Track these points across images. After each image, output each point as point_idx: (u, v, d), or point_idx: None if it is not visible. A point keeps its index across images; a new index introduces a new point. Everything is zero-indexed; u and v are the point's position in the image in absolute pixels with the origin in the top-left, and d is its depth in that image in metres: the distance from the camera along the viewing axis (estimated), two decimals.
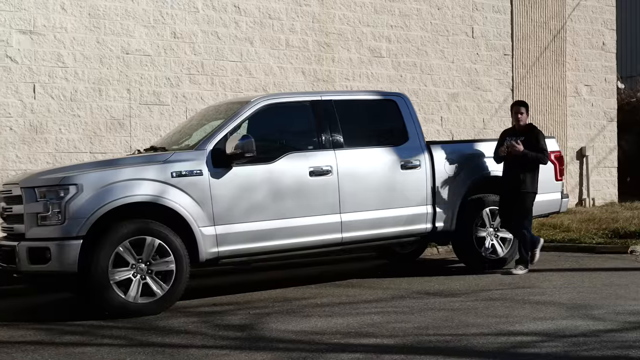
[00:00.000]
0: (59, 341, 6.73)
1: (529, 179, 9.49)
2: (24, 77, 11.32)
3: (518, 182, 9.46)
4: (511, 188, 9.55)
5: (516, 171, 9.49)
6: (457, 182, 9.71)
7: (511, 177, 9.54)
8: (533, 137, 9.57)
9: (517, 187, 9.48)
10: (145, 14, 12.30)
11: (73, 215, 7.53)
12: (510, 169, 9.57)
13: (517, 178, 9.47)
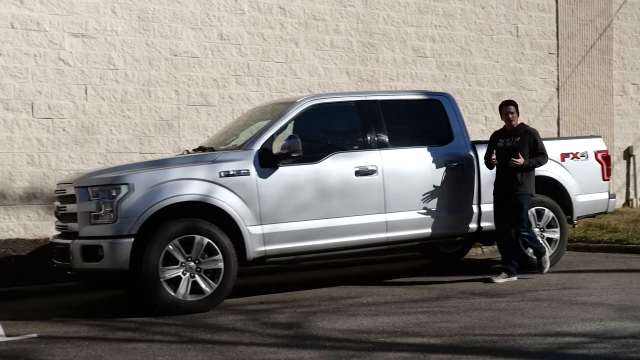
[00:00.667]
0: (112, 337, 6.84)
1: (526, 181, 9.07)
2: (76, 79, 11.52)
3: (515, 184, 9.02)
4: (506, 190, 9.10)
5: (512, 172, 9.03)
6: None
7: (506, 179, 9.08)
8: (530, 139, 9.13)
9: (514, 189, 9.04)
10: (192, 16, 12.42)
11: (125, 214, 7.64)
12: (505, 170, 9.08)
13: (514, 180, 9.02)
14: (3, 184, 11.06)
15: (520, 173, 9.02)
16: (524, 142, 9.10)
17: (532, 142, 9.12)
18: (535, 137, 9.17)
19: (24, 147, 11.18)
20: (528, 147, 9.10)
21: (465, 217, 9.38)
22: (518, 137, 9.11)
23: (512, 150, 9.04)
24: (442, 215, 9.15)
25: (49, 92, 11.37)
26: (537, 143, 9.14)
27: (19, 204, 11.14)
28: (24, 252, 10.55)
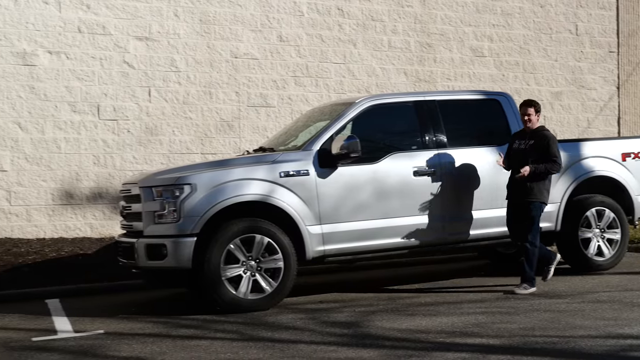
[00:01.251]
0: (175, 334, 6.94)
1: (537, 188, 8.42)
2: (140, 81, 11.72)
3: (524, 191, 8.43)
4: (515, 197, 8.55)
5: (524, 179, 8.42)
6: (561, 182, 9.50)
7: (516, 185, 8.53)
8: (544, 142, 8.45)
9: (524, 197, 8.44)
10: (252, 18, 12.53)
11: (187, 213, 7.73)
12: (516, 175, 8.52)
13: (524, 186, 8.42)
14: (70, 184, 11.32)
15: (530, 181, 8.39)
16: (537, 147, 8.47)
17: (545, 147, 8.44)
18: (549, 142, 8.46)
19: (90, 148, 11.42)
20: (541, 152, 8.46)
21: None
22: (532, 141, 8.51)
23: (524, 153, 8.52)
24: (500, 216, 9.04)
25: (114, 95, 11.59)
26: (549, 148, 8.43)
27: (85, 204, 11.38)
28: (90, 250, 10.77)
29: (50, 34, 11.31)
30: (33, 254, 10.41)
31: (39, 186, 11.18)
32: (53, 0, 11.34)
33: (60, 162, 11.29)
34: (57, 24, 11.36)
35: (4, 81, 11.07)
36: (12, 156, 11.08)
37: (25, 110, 11.16)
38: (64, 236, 11.19)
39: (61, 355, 6.27)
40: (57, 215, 11.24)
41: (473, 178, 8.99)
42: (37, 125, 11.21)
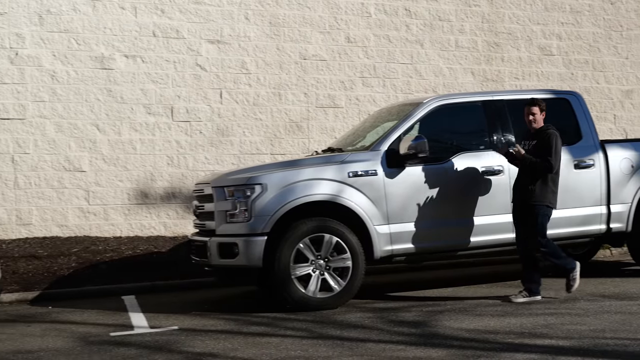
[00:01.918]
0: (246, 331, 7.02)
1: (539, 190, 7.91)
2: (212, 83, 11.89)
3: (526, 193, 7.98)
4: (518, 198, 8.12)
5: (524, 179, 8.04)
6: (633, 182, 9.27)
7: (518, 186, 8.13)
8: (545, 141, 7.95)
9: (525, 199, 8.00)
10: (321, 20, 12.57)
11: (258, 213, 7.80)
12: (520, 176, 8.15)
13: (525, 188, 8.00)
14: (145, 184, 11.55)
15: (532, 182, 7.94)
16: (539, 146, 8.00)
17: (546, 146, 7.92)
18: (549, 140, 7.93)
19: (164, 149, 11.64)
20: (542, 152, 7.96)
21: (594, 217, 9.07)
22: (535, 141, 8.08)
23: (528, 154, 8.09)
24: (570, 216, 8.88)
25: (187, 97, 11.79)
26: (548, 148, 7.90)
27: (159, 203, 11.61)
28: (164, 248, 10.97)
29: (127, 39, 11.57)
30: (110, 251, 10.66)
31: (115, 186, 11.45)
32: (129, 6, 11.59)
33: (136, 163, 11.54)
34: (133, 28, 11.60)
35: (83, 85, 11.36)
36: (90, 157, 11.37)
37: (103, 113, 11.44)
38: (139, 234, 11.43)
39: (138, 350, 6.41)
40: (133, 214, 11.49)
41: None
42: (114, 127, 11.48)
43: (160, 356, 6.15)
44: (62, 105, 11.28)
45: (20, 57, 11.13)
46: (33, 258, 10.28)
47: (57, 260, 10.27)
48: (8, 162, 11.04)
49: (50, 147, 11.20)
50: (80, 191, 11.31)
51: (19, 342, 6.89)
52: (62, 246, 10.74)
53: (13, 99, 11.10)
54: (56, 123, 11.24)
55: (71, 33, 11.34)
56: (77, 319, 7.94)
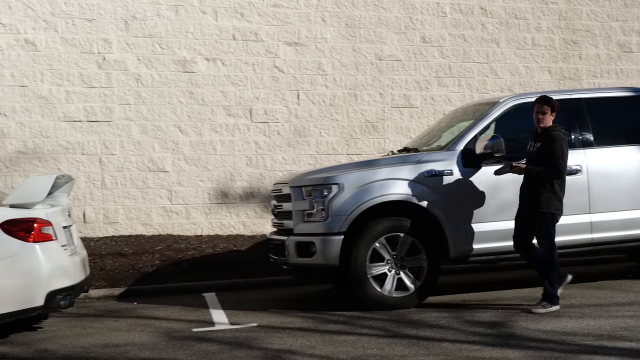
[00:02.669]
0: (323, 329, 7.06)
1: (544, 197, 7.42)
2: (289, 85, 11.99)
3: (529, 200, 7.52)
4: (526, 207, 7.63)
5: (529, 185, 7.58)
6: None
7: (523, 192, 7.68)
8: (549, 144, 7.44)
9: (531, 205, 7.52)
10: (396, 21, 12.52)
11: (335, 212, 7.82)
12: (525, 184, 7.69)
13: (529, 194, 7.54)
14: (225, 184, 11.74)
15: (537, 189, 7.46)
16: (543, 149, 7.50)
17: (549, 150, 7.43)
18: (553, 143, 7.42)
19: (243, 149, 11.80)
20: (546, 155, 7.46)
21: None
22: (539, 143, 7.57)
23: (533, 157, 7.65)
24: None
25: (265, 98, 11.91)
26: (552, 151, 7.40)
27: (238, 203, 11.77)
28: (243, 247, 11.12)
29: (208, 42, 11.76)
30: (191, 249, 10.86)
31: (197, 186, 11.66)
32: (210, 10, 11.79)
33: (216, 163, 11.73)
34: (214, 32, 11.80)
35: (166, 87, 11.62)
36: (173, 158, 11.62)
37: (185, 115, 11.67)
38: (219, 233, 11.61)
39: (219, 345, 6.52)
40: (213, 214, 11.68)
41: (621, 177, 8.60)
42: (195, 129, 11.69)
43: (241, 352, 6.24)
44: (146, 107, 11.55)
45: (108, 61, 11.45)
46: (119, 255, 10.56)
47: (142, 257, 10.53)
48: (96, 163, 11.38)
49: (135, 148, 11.49)
50: (163, 191, 11.57)
51: (107, 337, 7.10)
52: (146, 244, 11.01)
53: (101, 102, 11.42)
54: (141, 125, 11.53)
55: (155, 37, 11.61)
56: (161, 315, 8.13)
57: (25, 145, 11.17)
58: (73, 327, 7.67)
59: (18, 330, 7.48)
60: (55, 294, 7.06)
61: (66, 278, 7.22)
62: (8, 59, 11.16)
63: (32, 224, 7.01)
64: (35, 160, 11.19)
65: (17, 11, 11.19)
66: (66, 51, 11.33)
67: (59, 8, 11.33)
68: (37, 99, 11.24)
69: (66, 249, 7.39)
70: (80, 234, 8.90)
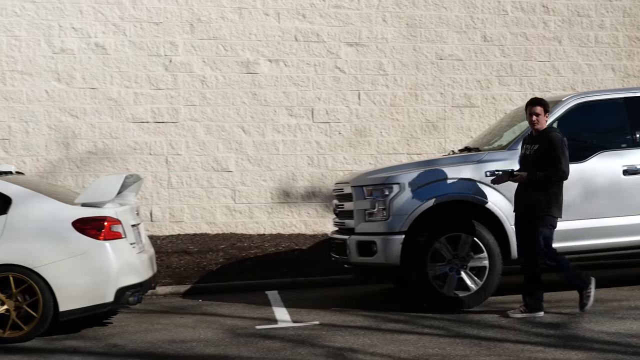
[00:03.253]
0: (385, 328, 7.06)
1: (544, 199, 7.16)
2: (350, 85, 12.01)
3: (528, 204, 7.25)
4: (524, 210, 7.35)
5: (527, 188, 7.31)
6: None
7: (520, 196, 7.41)
8: (547, 147, 7.17)
9: (528, 210, 7.27)
10: (457, 20, 12.42)
11: (396, 212, 7.81)
12: (523, 187, 7.40)
13: (527, 198, 7.27)
14: (287, 184, 11.82)
15: (537, 191, 7.19)
16: (540, 152, 7.24)
17: (548, 152, 7.18)
18: (553, 145, 7.16)
19: (304, 149, 11.86)
20: (545, 158, 7.21)
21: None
22: (537, 145, 7.30)
23: (529, 160, 7.41)
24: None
25: (327, 98, 11.96)
26: (551, 154, 7.15)
27: (300, 202, 11.84)
28: (305, 246, 11.18)
29: (270, 44, 11.87)
30: (254, 248, 10.97)
31: (259, 185, 11.77)
32: (273, 12, 11.89)
33: (278, 163, 11.82)
34: (276, 33, 11.89)
35: (230, 89, 11.76)
36: (236, 158, 11.76)
37: (248, 115, 11.80)
38: (281, 232, 11.70)
39: (282, 343, 6.58)
40: (275, 213, 11.78)
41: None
42: (258, 129, 11.81)
43: (303, 350, 6.29)
44: (211, 108, 11.71)
45: (174, 64, 11.65)
46: (184, 253, 10.73)
47: (206, 255, 10.68)
48: (162, 163, 11.59)
49: (200, 148, 11.66)
50: (227, 190, 11.72)
51: (173, 332, 7.23)
52: (210, 242, 11.16)
53: (167, 104, 11.62)
54: (206, 126, 11.69)
55: (219, 40, 11.76)
56: (225, 312, 8.24)
57: (95, 146, 11.44)
58: (141, 322, 7.84)
59: (89, 325, 7.68)
60: (124, 291, 7.24)
61: (135, 275, 7.39)
62: (79, 62, 11.45)
63: (102, 222, 7.19)
64: (104, 161, 11.45)
65: (88, 16, 11.47)
66: (134, 54, 11.56)
67: (127, 12, 11.57)
68: (107, 100, 11.50)
69: (135, 247, 7.56)
70: (148, 232, 9.07)
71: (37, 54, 11.34)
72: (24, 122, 11.30)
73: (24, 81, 11.31)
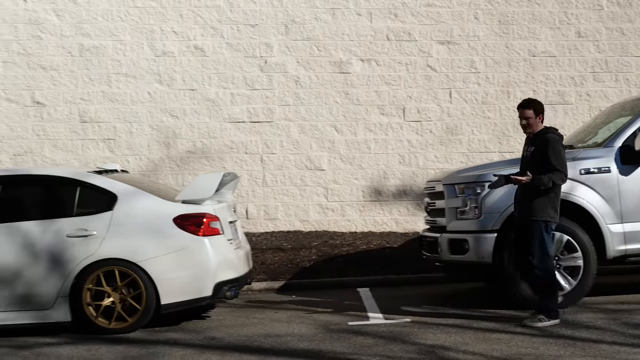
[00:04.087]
0: (476, 326, 6.97)
1: (538, 204, 6.82)
2: (441, 84, 11.90)
3: (524, 208, 6.91)
4: (519, 215, 7.04)
5: (523, 192, 6.97)
6: None
7: (517, 200, 7.10)
8: (543, 148, 6.87)
9: (523, 214, 6.94)
10: (550, 16, 12.14)
11: (488, 210, 7.70)
12: (519, 191, 7.08)
13: (523, 202, 6.94)
14: (378, 182, 11.83)
15: (531, 195, 6.87)
16: (536, 153, 6.95)
17: (544, 154, 6.87)
18: (547, 147, 6.86)
19: (396, 148, 11.84)
20: (541, 160, 6.90)
21: None
22: (533, 147, 7.02)
23: (526, 163, 7.12)
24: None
25: (418, 97, 11.89)
26: (547, 155, 6.84)
27: (391, 200, 11.82)
28: (396, 244, 11.16)
29: (362, 43, 11.89)
30: (346, 246, 11.02)
31: (351, 184, 11.82)
32: (365, 12, 11.90)
33: (370, 162, 11.84)
34: (369, 33, 11.90)
35: (323, 88, 11.85)
36: (329, 156, 11.84)
37: (341, 114, 11.85)
38: (372, 230, 11.72)
39: (374, 339, 6.60)
40: (367, 211, 11.80)
41: None
42: (350, 128, 11.85)
43: (395, 346, 6.28)
44: (304, 108, 11.83)
45: (269, 64, 11.83)
46: (278, 250, 10.88)
47: (299, 252, 10.79)
48: (257, 162, 11.78)
49: (294, 147, 11.80)
50: (320, 188, 11.82)
51: (268, 327, 7.35)
52: (303, 240, 11.28)
53: (262, 104, 11.81)
54: (299, 125, 11.82)
55: (313, 40, 11.86)
56: (318, 308, 8.31)
57: (194, 145, 11.74)
58: (237, 317, 8.00)
59: (188, 318, 7.89)
60: (222, 285, 7.40)
61: (232, 270, 7.54)
62: (180, 64, 11.76)
63: (201, 219, 7.37)
64: (203, 160, 11.73)
65: (188, 19, 11.77)
66: (231, 56, 11.80)
67: (225, 15, 11.81)
68: (205, 101, 11.78)
69: (232, 243, 7.71)
70: (243, 229, 9.25)
71: (140, 57, 11.72)
72: (128, 123, 11.70)
73: (128, 83, 11.71)
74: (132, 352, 6.53)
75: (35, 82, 11.62)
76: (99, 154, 11.61)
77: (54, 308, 7.25)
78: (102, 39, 11.69)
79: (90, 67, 11.67)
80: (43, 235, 7.33)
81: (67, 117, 11.64)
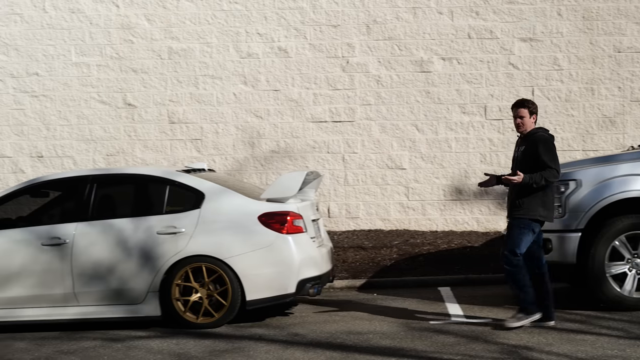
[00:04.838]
0: (560, 327, 6.83)
1: (527, 203, 6.76)
2: (523, 81, 11.69)
3: (514, 206, 6.85)
4: (508, 212, 6.99)
5: (513, 191, 6.89)
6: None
7: (508, 199, 7.00)
8: (534, 147, 6.81)
9: (513, 212, 6.86)
10: (637, 10, 11.76)
11: (573, 209, 7.52)
12: (510, 190, 6.99)
13: (513, 200, 6.85)
14: (459, 181, 11.70)
15: (520, 194, 6.80)
16: (527, 153, 6.88)
17: (535, 153, 6.80)
18: (538, 145, 6.80)
19: (477, 146, 11.69)
20: (532, 159, 6.83)
21: None
22: (523, 147, 6.95)
23: (516, 162, 7.02)
24: None
25: (500, 95, 11.71)
26: (539, 154, 6.77)
27: (472, 199, 11.68)
28: (477, 243, 11.01)
29: (444, 42, 11.78)
30: (427, 245, 10.95)
31: (432, 183, 11.73)
32: (446, 10, 11.79)
33: (451, 161, 11.72)
34: (450, 31, 11.79)
35: (404, 87, 11.80)
36: (410, 155, 11.78)
37: (422, 113, 11.78)
38: (453, 229, 11.61)
39: (456, 338, 6.55)
40: (448, 210, 11.69)
41: None
42: (431, 127, 11.77)
43: (477, 345, 6.23)
44: (385, 107, 11.81)
45: (351, 64, 11.85)
46: (360, 249, 10.90)
47: (380, 251, 10.78)
48: (339, 161, 11.83)
49: (375, 146, 11.79)
50: (400, 187, 11.77)
51: (350, 324, 7.38)
52: (384, 238, 11.26)
53: (344, 103, 11.85)
54: (380, 124, 11.81)
55: (394, 40, 11.82)
56: (399, 306, 8.28)
57: (277, 145, 11.88)
58: (320, 314, 8.06)
59: (272, 314, 8.00)
60: (304, 283, 7.47)
61: (314, 268, 7.60)
62: (264, 65, 11.92)
63: (285, 217, 7.46)
64: (286, 159, 11.86)
65: (272, 21, 11.91)
66: (314, 56, 11.88)
67: (307, 16, 11.90)
68: (288, 101, 11.90)
69: (314, 241, 7.78)
70: (325, 227, 9.30)
71: (226, 59, 11.93)
72: (214, 123, 11.92)
73: (215, 85, 11.93)
74: (219, 347, 6.67)
75: (127, 84, 11.97)
76: (187, 153, 11.88)
77: (145, 303, 7.46)
78: (190, 42, 11.95)
79: (179, 70, 11.95)
80: (135, 233, 7.55)
81: (157, 118, 11.95)
